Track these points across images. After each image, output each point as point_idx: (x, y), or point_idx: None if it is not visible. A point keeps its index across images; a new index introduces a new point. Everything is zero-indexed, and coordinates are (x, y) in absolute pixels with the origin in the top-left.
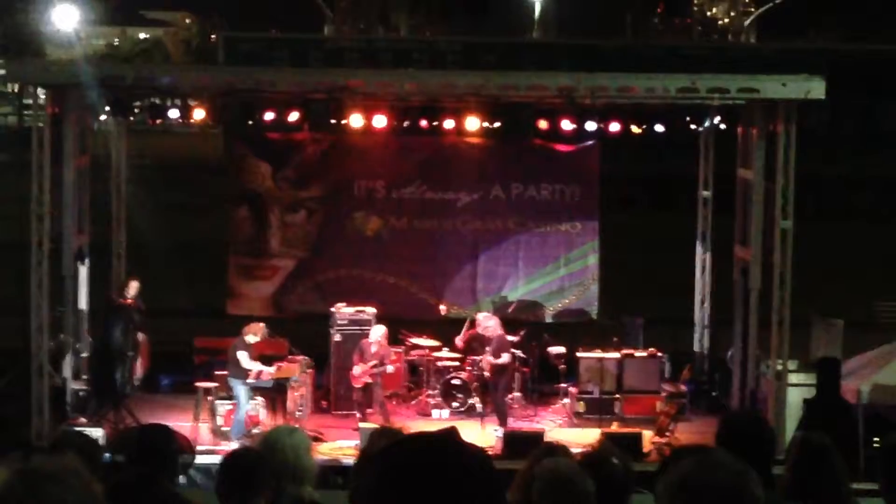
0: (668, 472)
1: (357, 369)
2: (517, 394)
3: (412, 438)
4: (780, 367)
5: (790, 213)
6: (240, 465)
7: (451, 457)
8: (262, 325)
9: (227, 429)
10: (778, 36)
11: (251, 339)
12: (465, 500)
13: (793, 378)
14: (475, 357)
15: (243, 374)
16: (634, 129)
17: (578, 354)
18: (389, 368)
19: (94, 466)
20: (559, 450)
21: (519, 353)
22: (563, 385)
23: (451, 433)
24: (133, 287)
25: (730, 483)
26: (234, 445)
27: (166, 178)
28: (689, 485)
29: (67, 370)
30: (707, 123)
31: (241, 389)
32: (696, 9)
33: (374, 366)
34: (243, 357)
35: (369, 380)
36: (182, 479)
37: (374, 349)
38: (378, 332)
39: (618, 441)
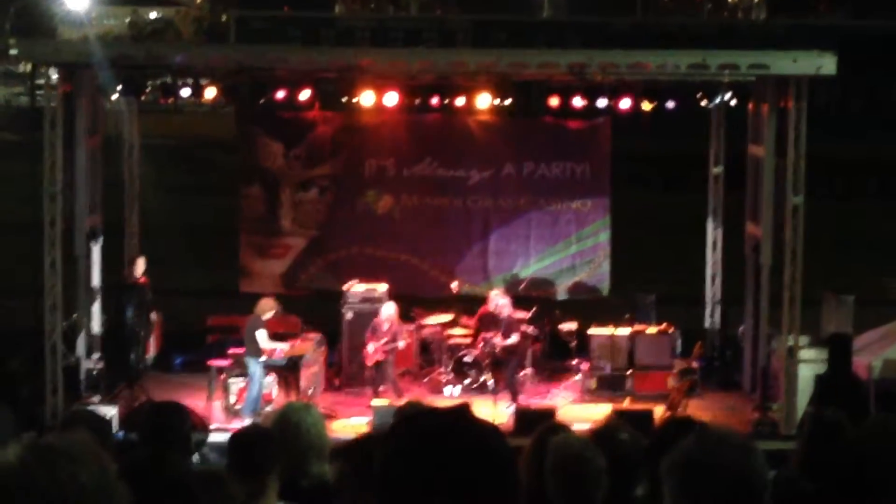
0: (673, 449)
1: (370, 347)
2: (529, 370)
3: (425, 414)
4: (791, 344)
5: (801, 189)
6: (248, 442)
7: (464, 432)
8: (274, 300)
9: (240, 406)
10: (787, 12)
11: (267, 315)
12: (478, 475)
13: (804, 354)
14: (487, 335)
15: (259, 351)
16: (645, 105)
17: (590, 331)
18: (401, 344)
19: (106, 444)
20: (561, 428)
21: (530, 329)
22: (574, 361)
23: (464, 409)
24: (140, 264)
25: (734, 460)
26: (246, 423)
27: (178, 158)
28: (693, 463)
29: (81, 349)
30: (718, 100)
31: (256, 367)
32: None
33: (386, 342)
34: (261, 336)
35: (381, 357)
36: (195, 457)
37: (385, 326)
38: (389, 309)
39: (629, 417)
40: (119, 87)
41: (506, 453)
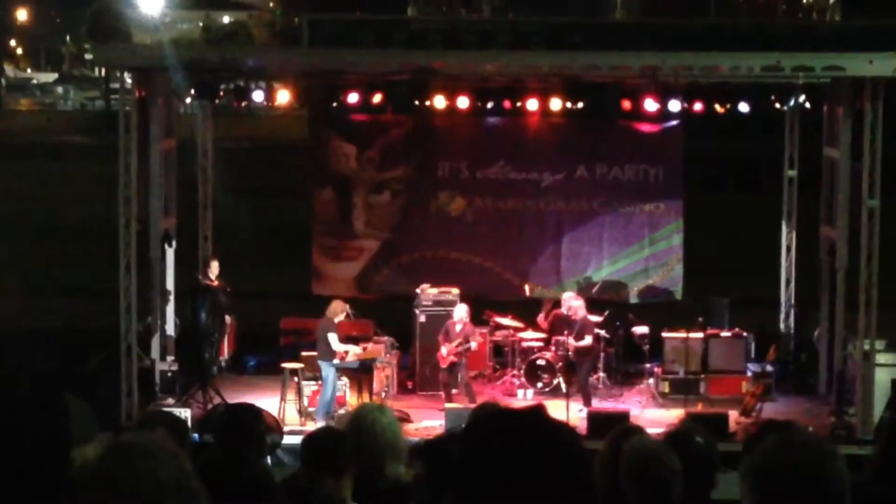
0: (752, 451)
1: (443, 350)
2: (602, 374)
3: (501, 414)
4: (867, 348)
5: (877, 192)
6: (322, 444)
7: (540, 432)
8: (344, 303)
9: (313, 409)
10: (863, 13)
11: (338, 317)
12: (554, 475)
13: (880, 358)
14: (560, 337)
15: (332, 354)
16: (718, 108)
17: (663, 335)
18: (473, 345)
19: (182, 445)
20: (637, 431)
21: (603, 333)
22: (647, 365)
23: (539, 409)
24: (214, 267)
25: (812, 462)
26: (320, 425)
27: (251, 161)
28: (770, 464)
29: (155, 351)
30: (792, 102)
31: (329, 370)
32: None
33: (459, 345)
34: (333, 339)
35: (454, 360)
36: (269, 459)
37: (458, 328)
38: (461, 311)
39: (703, 421)
40: (193, 91)
41: (581, 454)
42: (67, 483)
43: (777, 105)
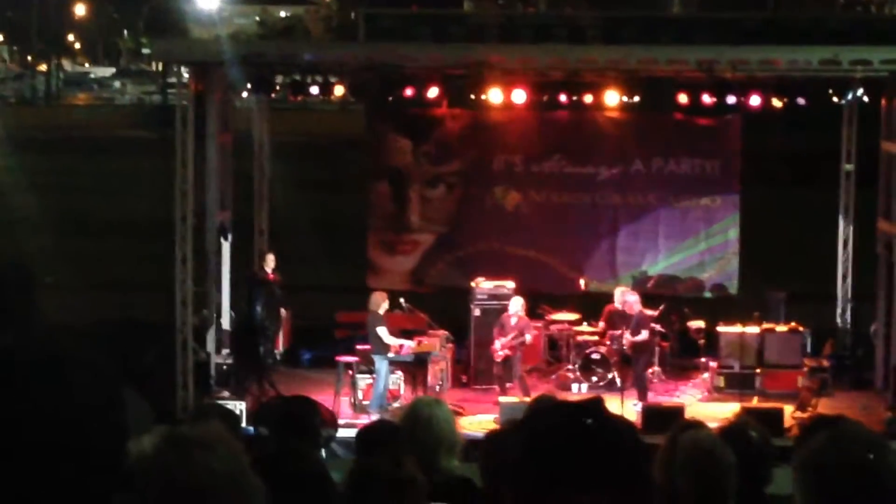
0: (804, 446)
1: (497, 343)
2: (657, 368)
3: (558, 407)
4: None
5: None
6: (376, 437)
7: (598, 425)
8: (383, 292)
9: (367, 402)
10: None
11: (381, 308)
12: (612, 469)
13: None
14: (615, 332)
15: (385, 348)
16: (775, 102)
17: (719, 329)
18: (528, 337)
19: (236, 437)
20: (696, 425)
21: (658, 327)
22: (703, 359)
23: (597, 402)
24: (270, 260)
25: (865, 458)
26: (374, 419)
27: (307, 155)
28: (821, 460)
29: (211, 344)
30: (850, 96)
31: (382, 364)
32: None
33: (514, 338)
34: (383, 332)
35: (509, 353)
36: (323, 452)
37: (513, 321)
38: (516, 304)
39: (758, 416)
40: (249, 86)
41: (639, 448)
42: (124, 475)
43: (835, 99)
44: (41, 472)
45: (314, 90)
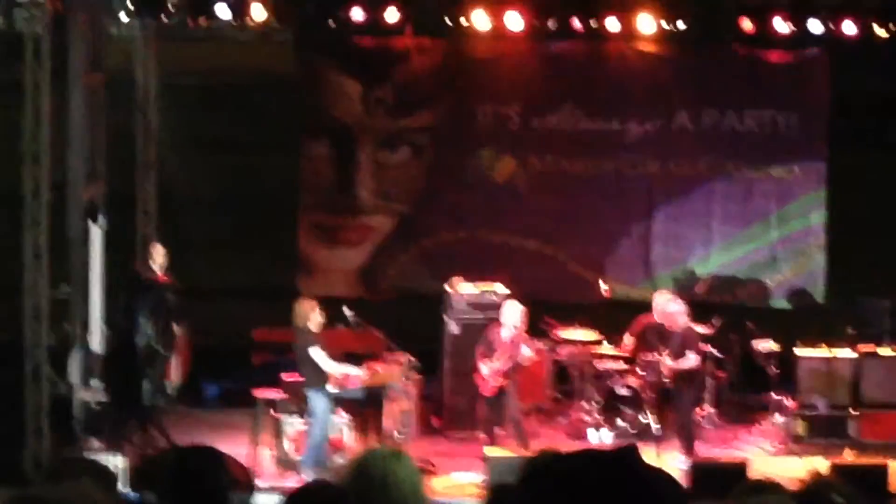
0: None
1: (483, 370)
2: (710, 409)
3: (579, 456)
4: None
5: None
6: None
7: (633, 482)
8: (312, 300)
9: (299, 457)
10: None
11: (313, 321)
12: None
13: None
14: (650, 356)
15: (323, 379)
16: (879, 31)
17: (797, 352)
18: (526, 353)
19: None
20: (770, 488)
21: (712, 350)
22: (774, 396)
23: (630, 452)
24: (159, 254)
25: None
26: (308, 479)
27: (212, 104)
28: None
29: (75, 374)
30: None
31: (319, 401)
32: None
33: (506, 361)
34: (319, 355)
35: (499, 385)
36: None
37: (505, 336)
38: (511, 313)
39: (853, 475)
40: (129, 6)
41: None
42: None
43: None
44: None
45: (222, 11)
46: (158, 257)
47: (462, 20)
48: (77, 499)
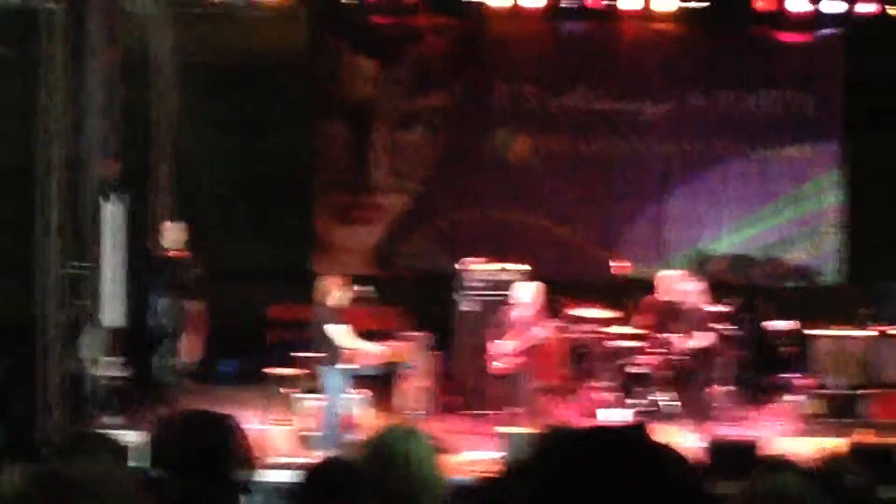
0: None
1: (497, 349)
2: (723, 388)
3: (590, 434)
4: None
5: None
6: (326, 483)
7: (640, 463)
8: (337, 278)
9: (313, 434)
10: None
11: (337, 300)
12: None
13: None
14: (664, 335)
15: (339, 357)
16: (893, 11)
17: (811, 332)
18: (541, 332)
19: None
20: (785, 465)
21: (726, 330)
22: (789, 376)
23: (639, 430)
24: (173, 232)
25: None
26: (322, 456)
27: (228, 82)
28: None
29: (88, 351)
30: None
31: (334, 379)
32: None
33: (520, 337)
34: (336, 332)
35: (514, 364)
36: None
37: (519, 315)
38: (525, 292)
39: (867, 455)
40: None
41: (696, 492)
42: None
43: None
44: None
45: None
46: (174, 234)
47: None
48: (97, 476)
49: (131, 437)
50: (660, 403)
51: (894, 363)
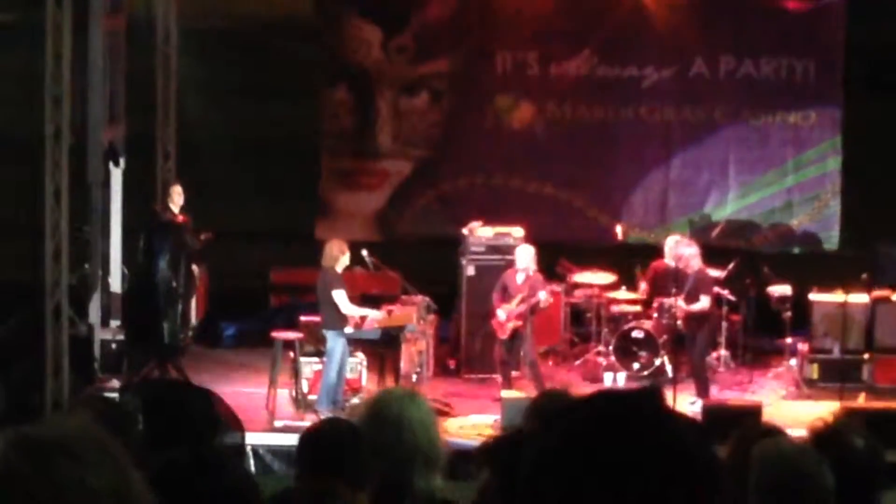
0: None
1: (500, 313)
2: (724, 352)
3: (599, 398)
4: None
5: None
6: (327, 444)
7: (650, 427)
8: (342, 242)
9: (315, 397)
10: None
11: (341, 264)
12: (668, 487)
13: None
14: (665, 299)
15: (342, 321)
16: None
17: (811, 297)
18: (542, 297)
19: (128, 443)
20: (775, 432)
21: (726, 294)
22: (788, 340)
23: (654, 392)
24: (178, 195)
25: None
26: (323, 419)
27: (232, 48)
28: None
29: (95, 314)
30: None
31: (337, 342)
32: None
33: (522, 301)
34: (340, 297)
35: (516, 327)
36: (252, 465)
37: (520, 279)
38: (525, 256)
39: (866, 419)
40: None
41: (708, 459)
42: None
43: None
44: None
45: None
46: (178, 199)
47: None
48: (80, 437)
49: (138, 401)
50: (662, 367)
51: (893, 328)
